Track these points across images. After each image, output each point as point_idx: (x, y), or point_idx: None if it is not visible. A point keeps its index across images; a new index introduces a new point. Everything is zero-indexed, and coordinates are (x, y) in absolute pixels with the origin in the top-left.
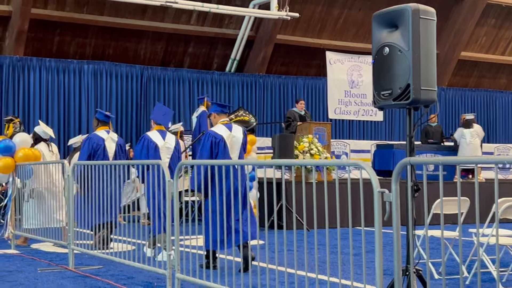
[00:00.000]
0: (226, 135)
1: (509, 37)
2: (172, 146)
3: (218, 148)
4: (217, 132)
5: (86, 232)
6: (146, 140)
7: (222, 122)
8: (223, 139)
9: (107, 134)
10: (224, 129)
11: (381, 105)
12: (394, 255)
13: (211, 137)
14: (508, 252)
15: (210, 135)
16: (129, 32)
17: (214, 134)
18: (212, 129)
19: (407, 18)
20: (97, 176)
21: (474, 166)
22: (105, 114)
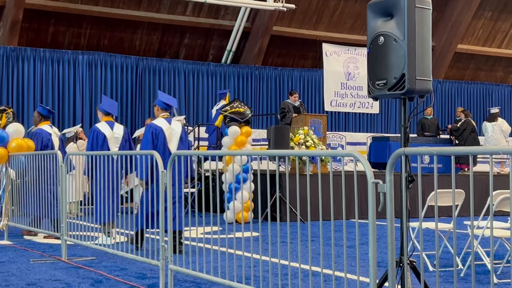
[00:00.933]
0: (166, 128)
1: (505, 29)
2: (120, 136)
3: (158, 139)
4: (157, 125)
5: (79, 223)
6: (96, 131)
7: (163, 116)
8: (163, 131)
9: (51, 129)
10: (164, 122)
11: (375, 95)
12: (388, 247)
13: (152, 129)
14: (502, 244)
15: (151, 127)
16: (124, 23)
17: (155, 126)
18: (153, 122)
19: (402, 6)
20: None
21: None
22: (48, 109)
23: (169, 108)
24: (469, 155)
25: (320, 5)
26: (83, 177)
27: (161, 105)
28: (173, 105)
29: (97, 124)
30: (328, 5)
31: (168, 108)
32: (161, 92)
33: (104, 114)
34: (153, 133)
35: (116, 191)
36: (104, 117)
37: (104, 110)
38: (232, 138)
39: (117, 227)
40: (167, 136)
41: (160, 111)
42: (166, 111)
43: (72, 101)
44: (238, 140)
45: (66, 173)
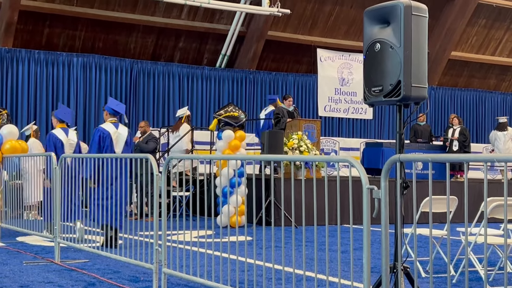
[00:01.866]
0: (113, 132)
1: (499, 37)
2: (75, 142)
3: (105, 142)
4: (105, 129)
5: (72, 226)
6: (53, 137)
7: (111, 121)
8: (110, 135)
9: (62, 132)
10: (111, 126)
11: (371, 102)
12: (382, 253)
13: (99, 132)
14: (494, 252)
15: (99, 130)
16: (119, 26)
17: (103, 130)
18: (101, 126)
19: (399, 14)
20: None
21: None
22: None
23: (117, 114)
24: (464, 163)
25: (315, 10)
26: None
27: (110, 111)
28: (121, 111)
29: (53, 131)
30: (323, 10)
31: (117, 114)
32: (111, 98)
33: (58, 121)
34: (100, 136)
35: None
36: (59, 124)
37: (58, 118)
38: (226, 142)
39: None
40: (113, 139)
41: (108, 116)
42: (115, 117)
43: (66, 103)
44: (232, 144)
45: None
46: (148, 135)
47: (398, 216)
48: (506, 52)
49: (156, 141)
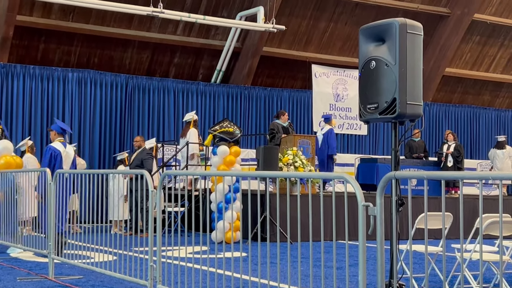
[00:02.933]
0: (62, 150)
1: (493, 54)
2: (72, 156)
3: (56, 160)
4: (56, 147)
5: (67, 242)
6: (53, 150)
7: (59, 140)
8: (60, 154)
9: (61, 146)
10: (60, 145)
11: (367, 119)
12: (377, 270)
13: (51, 151)
14: (489, 268)
15: (50, 149)
16: (115, 41)
17: (54, 149)
18: (52, 145)
19: (394, 32)
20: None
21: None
22: (60, 126)
23: (64, 133)
24: (460, 180)
25: (310, 26)
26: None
27: (58, 130)
28: (68, 130)
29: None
30: (318, 27)
31: (64, 133)
32: (57, 119)
33: (57, 134)
34: (52, 155)
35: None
36: (58, 138)
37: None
38: (221, 158)
39: (105, 245)
40: (63, 158)
41: (56, 135)
42: (62, 136)
43: (61, 118)
44: (227, 160)
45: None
46: (143, 150)
47: (393, 234)
48: (500, 69)
49: (152, 156)
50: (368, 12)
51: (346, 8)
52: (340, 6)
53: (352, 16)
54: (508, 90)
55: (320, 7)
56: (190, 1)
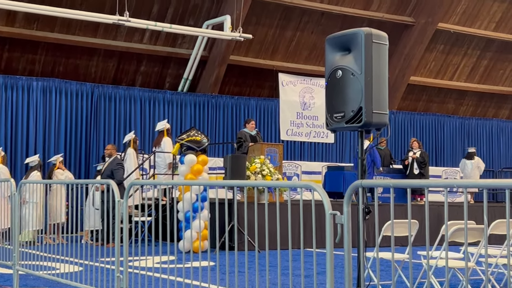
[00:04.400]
0: None
1: (457, 62)
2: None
3: None
4: None
5: (31, 253)
6: None
7: None
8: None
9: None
10: None
11: (333, 128)
12: (345, 277)
13: None
14: (455, 275)
15: None
16: (80, 49)
17: None
18: None
19: (360, 42)
20: None
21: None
22: None
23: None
24: (425, 188)
25: (276, 35)
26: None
27: None
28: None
29: None
30: (284, 35)
31: None
32: None
33: None
34: None
35: None
36: None
37: None
38: (189, 167)
39: (71, 256)
40: None
41: None
42: None
43: (26, 128)
44: (194, 169)
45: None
46: (114, 160)
47: (360, 242)
48: (464, 77)
49: (123, 167)
50: (334, 21)
51: (312, 17)
52: (306, 15)
53: (318, 25)
54: (472, 98)
55: (287, 16)
56: (157, 9)
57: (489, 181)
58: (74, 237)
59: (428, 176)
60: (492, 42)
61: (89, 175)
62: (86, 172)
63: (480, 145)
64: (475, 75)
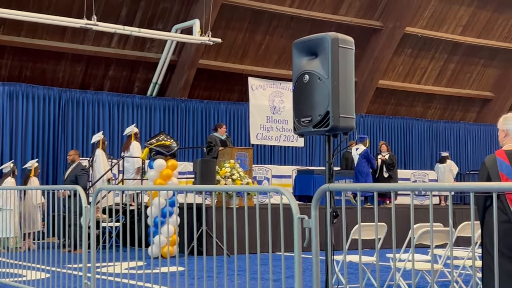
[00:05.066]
0: None
1: (424, 66)
2: None
3: None
4: None
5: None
6: None
7: None
8: None
9: None
10: None
11: (301, 132)
12: (313, 281)
13: None
14: (423, 277)
15: None
16: (47, 54)
17: None
18: None
19: (326, 46)
20: None
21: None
22: None
23: None
24: (392, 192)
25: (246, 39)
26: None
27: None
28: None
29: None
30: (254, 39)
31: None
32: None
33: None
34: None
35: None
36: None
37: None
38: (158, 171)
39: (38, 263)
40: None
41: None
42: None
43: None
44: (163, 174)
45: None
46: (78, 166)
47: (328, 245)
48: (432, 81)
49: (87, 172)
50: (303, 26)
51: (282, 21)
52: (275, 19)
53: (287, 29)
54: (439, 101)
55: (256, 20)
56: (125, 13)
57: (454, 184)
58: (46, 243)
59: (396, 179)
60: (459, 46)
61: (57, 181)
62: (54, 178)
63: (448, 148)
64: (442, 79)
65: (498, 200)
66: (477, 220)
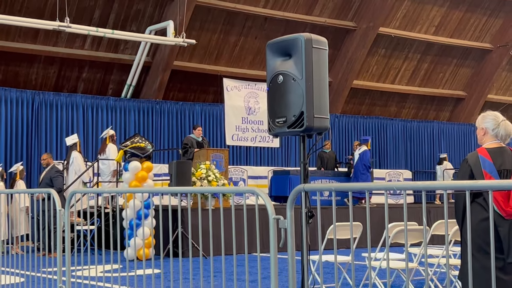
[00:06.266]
0: None
1: (398, 66)
2: None
3: None
4: None
5: None
6: None
7: None
8: None
9: None
10: None
11: (276, 132)
12: (289, 281)
13: None
14: (399, 275)
15: None
16: (20, 56)
17: None
18: None
19: (300, 47)
20: None
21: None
22: None
23: None
24: (366, 191)
25: (220, 40)
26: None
27: None
28: None
29: None
30: (228, 41)
31: None
32: None
33: None
34: None
35: None
36: None
37: None
38: (133, 174)
39: (12, 267)
40: None
41: None
42: None
43: None
44: (139, 176)
45: None
46: (52, 168)
47: (303, 245)
48: (405, 80)
49: (62, 174)
50: (277, 26)
51: (256, 22)
52: (249, 20)
53: (261, 30)
54: (413, 101)
55: (230, 21)
56: (98, 15)
57: (426, 183)
58: (20, 247)
59: (372, 178)
60: (432, 46)
61: (31, 184)
62: (28, 181)
63: (422, 147)
64: (416, 79)
65: (481, 198)
66: (451, 218)
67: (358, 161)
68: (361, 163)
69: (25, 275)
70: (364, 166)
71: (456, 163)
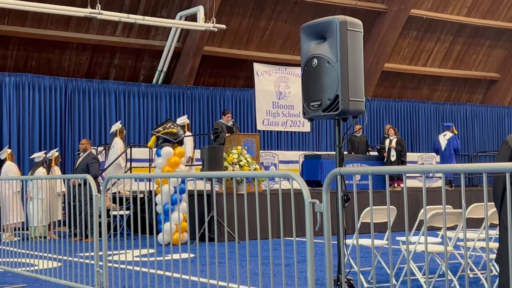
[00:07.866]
0: None
1: (430, 48)
2: None
3: None
4: None
5: (9, 250)
6: None
7: None
8: None
9: None
10: None
11: (310, 116)
12: (325, 265)
13: None
14: (433, 259)
15: None
16: (53, 44)
17: None
18: None
19: (334, 30)
20: None
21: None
22: None
23: None
24: (403, 174)
25: (250, 25)
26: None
27: None
28: None
29: None
30: (259, 25)
31: None
32: None
33: None
34: None
35: None
36: None
37: None
38: (166, 159)
39: (49, 252)
40: None
41: None
42: None
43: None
44: (171, 161)
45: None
46: (89, 154)
47: (340, 229)
48: (437, 63)
49: (98, 161)
50: (307, 10)
51: (286, 6)
52: (279, 4)
53: (291, 14)
54: (446, 83)
55: (260, 5)
56: (129, 1)
57: (466, 165)
58: (57, 232)
59: (406, 163)
60: (464, 27)
61: (64, 170)
62: (61, 167)
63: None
64: (448, 61)
65: None
66: (489, 201)
67: (446, 147)
68: (449, 149)
69: (62, 260)
70: (454, 151)
71: (489, 146)
